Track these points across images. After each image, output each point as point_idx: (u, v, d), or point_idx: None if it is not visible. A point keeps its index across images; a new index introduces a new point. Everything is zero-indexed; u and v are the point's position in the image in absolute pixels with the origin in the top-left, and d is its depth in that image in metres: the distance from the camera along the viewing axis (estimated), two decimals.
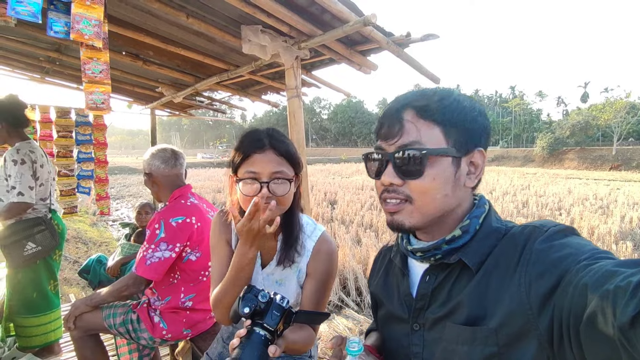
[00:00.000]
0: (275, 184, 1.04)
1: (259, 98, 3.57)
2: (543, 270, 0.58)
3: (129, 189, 20.57)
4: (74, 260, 6.39)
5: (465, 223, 0.71)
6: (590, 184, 21.46)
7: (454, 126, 0.69)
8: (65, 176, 3.77)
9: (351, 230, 8.61)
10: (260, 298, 0.79)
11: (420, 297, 0.75)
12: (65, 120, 3.77)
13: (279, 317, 0.78)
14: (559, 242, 0.60)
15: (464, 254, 0.69)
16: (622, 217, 10.43)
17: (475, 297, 0.65)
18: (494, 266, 0.66)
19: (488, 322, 0.62)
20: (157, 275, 1.70)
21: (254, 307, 0.78)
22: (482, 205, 0.75)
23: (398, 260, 0.85)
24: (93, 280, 3.14)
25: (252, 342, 0.75)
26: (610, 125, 46.91)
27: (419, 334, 0.75)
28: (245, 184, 1.03)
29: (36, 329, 2.39)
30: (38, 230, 2.29)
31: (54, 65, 3.18)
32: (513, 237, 0.66)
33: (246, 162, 1.04)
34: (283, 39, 1.99)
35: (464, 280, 0.69)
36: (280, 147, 1.06)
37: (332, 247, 1.21)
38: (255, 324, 0.78)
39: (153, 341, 1.80)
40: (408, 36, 1.87)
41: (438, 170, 0.68)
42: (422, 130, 0.69)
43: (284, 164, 1.07)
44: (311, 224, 1.23)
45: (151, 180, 1.90)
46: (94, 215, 10.45)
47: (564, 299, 0.53)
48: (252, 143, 1.05)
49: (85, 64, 1.45)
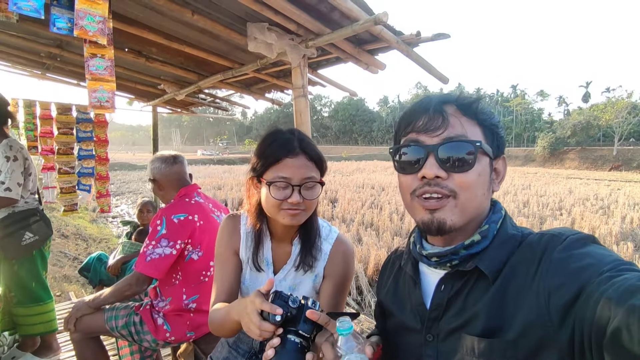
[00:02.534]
0: (306, 189, 1.03)
1: (263, 96, 3.53)
2: (563, 281, 0.56)
3: (129, 186, 20.55)
4: (73, 257, 6.37)
5: (484, 228, 0.70)
6: (591, 184, 21.47)
7: (489, 129, 0.72)
8: (65, 173, 3.72)
9: (352, 228, 8.60)
10: (291, 304, 0.76)
11: (435, 307, 0.72)
12: (66, 117, 3.72)
13: (312, 323, 0.75)
14: (578, 252, 0.58)
15: (481, 262, 0.67)
16: (623, 218, 10.44)
17: (492, 307, 0.63)
18: (511, 275, 0.64)
19: (506, 333, 0.60)
20: (158, 273, 1.67)
21: (285, 314, 0.74)
22: (498, 211, 0.74)
23: (409, 268, 0.82)
24: (93, 279, 3.12)
25: (288, 351, 0.72)
26: (612, 126, 46.86)
27: (433, 345, 0.72)
28: (276, 188, 1.01)
29: (39, 317, 2.42)
30: (33, 220, 2.35)
31: (55, 61, 3.13)
32: (531, 246, 0.64)
33: (276, 165, 1.02)
34: (290, 37, 1.95)
35: (480, 289, 0.67)
36: (311, 151, 1.05)
37: (349, 249, 1.20)
38: (289, 332, 0.74)
39: (156, 343, 1.77)
40: (418, 35, 1.83)
41: (483, 166, 0.69)
42: (465, 126, 0.69)
43: (313, 168, 1.05)
44: (326, 226, 1.22)
45: (157, 185, 1.91)
46: (94, 212, 10.43)
47: (585, 312, 0.51)
48: (282, 147, 1.03)
49: (89, 61, 1.40)
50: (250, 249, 1.18)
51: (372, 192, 14.71)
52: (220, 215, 1.96)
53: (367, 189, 16.15)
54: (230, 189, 15.94)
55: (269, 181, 1.01)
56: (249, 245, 1.19)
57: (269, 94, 3.51)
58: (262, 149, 1.06)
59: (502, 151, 0.74)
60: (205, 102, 4.27)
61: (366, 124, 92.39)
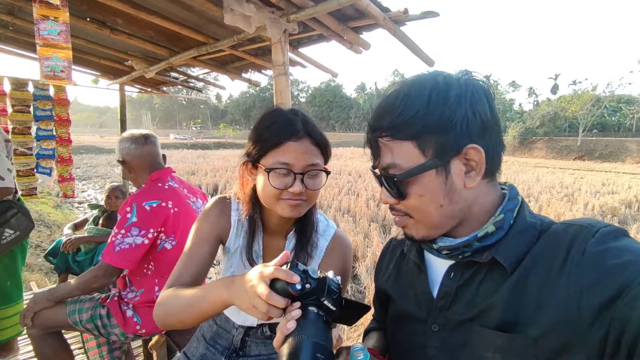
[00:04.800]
0: (309, 177, 0.92)
1: (239, 76, 3.35)
2: (598, 278, 0.51)
3: (97, 170, 19.60)
4: (36, 244, 6.00)
5: (499, 218, 0.63)
6: (557, 173, 22.46)
7: (430, 134, 0.61)
8: (22, 155, 3.41)
9: (329, 215, 8.58)
10: (311, 274, 0.65)
11: (443, 295, 0.68)
12: (21, 93, 3.39)
13: (337, 298, 0.64)
14: (614, 246, 0.53)
15: (497, 252, 0.61)
16: (586, 205, 10.99)
17: (511, 300, 0.58)
18: (532, 267, 0.58)
19: (527, 329, 0.55)
20: (128, 264, 1.53)
21: (304, 285, 0.63)
22: (514, 197, 0.67)
23: (414, 254, 0.77)
24: (59, 266, 2.92)
25: (312, 321, 0.60)
26: (577, 117, 49.05)
27: (438, 336, 0.67)
28: (276, 175, 0.89)
29: (10, 319, 2.17)
30: (11, 214, 2.04)
31: (7, 30, 2.83)
32: (556, 236, 0.58)
33: (277, 150, 0.90)
34: (270, 9, 1.81)
35: (495, 280, 0.62)
36: (316, 135, 0.93)
37: (347, 246, 1.11)
38: (310, 304, 0.63)
39: (125, 337, 1.65)
40: (406, 12, 1.74)
41: (423, 187, 0.63)
42: (394, 150, 0.64)
43: (318, 154, 0.94)
44: (323, 221, 1.12)
45: (127, 167, 1.74)
46: (58, 197, 9.86)
47: (629, 314, 0.46)
48: (284, 128, 0.90)
49: (39, 24, 1.22)
50: (242, 239, 1.06)
51: (349, 179, 14.72)
52: (197, 202, 1.83)
53: (344, 175, 16.14)
54: (204, 175, 15.50)
55: (268, 167, 0.89)
56: (239, 235, 1.07)
57: (245, 73, 3.33)
58: (259, 130, 0.93)
59: (474, 138, 0.61)
60: (178, 82, 4.03)
61: (343, 111, 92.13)
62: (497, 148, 0.65)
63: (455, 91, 0.61)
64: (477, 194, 0.65)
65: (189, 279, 0.96)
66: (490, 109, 0.63)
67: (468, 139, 0.61)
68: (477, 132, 0.62)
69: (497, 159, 0.66)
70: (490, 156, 0.63)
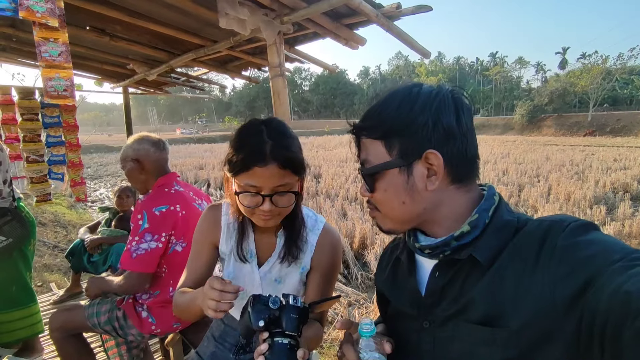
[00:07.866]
0: (279, 196, 0.97)
1: (239, 74, 3.38)
2: (569, 270, 0.55)
3: (107, 169, 19.91)
4: (53, 245, 6.18)
5: (474, 218, 0.67)
6: (567, 150, 22.08)
7: (395, 136, 0.69)
8: (34, 162, 3.51)
9: (337, 204, 8.62)
10: (272, 305, 0.74)
11: (430, 293, 0.73)
12: (29, 101, 3.47)
13: (297, 319, 0.73)
14: (583, 239, 0.57)
15: (475, 250, 0.65)
16: (597, 182, 10.81)
17: (488, 294, 0.62)
18: (508, 262, 0.62)
19: (507, 322, 0.59)
20: (148, 267, 1.62)
21: (267, 318, 0.73)
22: (490, 197, 0.71)
23: (405, 256, 0.82)
24: (75, 266, 3.04)
25: (278, 354, 0.70)
26: (587, 92, 47.76)
27: (429, 332, 0.72)
28: (246, 195, 0.96)
29: (19, 322, 2.28)
30: (4, 221, 2.11)
31: (10, 42, 2.89)
32: (530, 232, 0.63)
33: (246, 173, 0.94)
34: (264, 12, 1.83)
35: (475, 276, 0.66)
36: (283, 158, 0.94)
37: (336, 239, 1.18)
38: (275, 334, 0.72)
39: (142, 337, 1.74)
40: (399, 8, 1.74)
41: (387, 183, 0.71)
42: (368, 147, 0.74)
43: (288, 175, 0.96)
44: (312, 216, 1.18)
45: (139, 167, 1.77)
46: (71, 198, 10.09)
47: (598, 303, 0.50)
48: (251, 155, 0.93)
49: (40, 46, 1.27)
50: (233, 240, 1.14)
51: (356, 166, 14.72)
52: (202, 204, 1.89)
53: (350, 162, 16.11)
54: (212, 169, 15.61)
55: (238, 191, 0.97)
56: (231, 236, 1.15)
57: (245, 71, 3.36)
58: (232, 149, 0.98)
59: (432, 144, 0.66)
60: (179, 82, 4.07)
61: (347, 97, 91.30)
62: (463, 157, 0.68)
63: (423, 100, 0.67)
64: (442, 197, 0.70)
65: (192, 283, 1.13)
66: (457, 120, 0.67)
67: (428, 145, 0.66)
68: (439, 140, 0.66)
69: (463, 167, 0.70)
70: (452, 163, 0.67)
